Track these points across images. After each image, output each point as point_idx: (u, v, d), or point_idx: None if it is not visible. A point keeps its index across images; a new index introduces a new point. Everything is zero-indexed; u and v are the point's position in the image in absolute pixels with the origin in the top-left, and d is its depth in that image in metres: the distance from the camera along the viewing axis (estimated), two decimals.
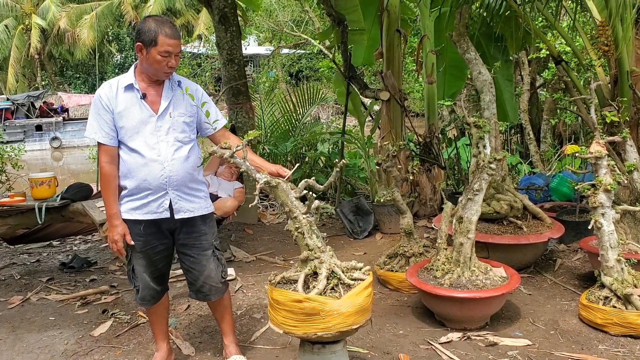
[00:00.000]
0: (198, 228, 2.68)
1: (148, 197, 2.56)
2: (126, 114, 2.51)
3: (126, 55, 28.93)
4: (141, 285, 2.69)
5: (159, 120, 2.54)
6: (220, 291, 2.78)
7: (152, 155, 2.52)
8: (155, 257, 2.66)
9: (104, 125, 2.52)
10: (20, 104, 22.23)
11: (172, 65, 2.50)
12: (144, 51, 2.47)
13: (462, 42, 4.19)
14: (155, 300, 2.76)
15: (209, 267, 2.71)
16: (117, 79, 2.59)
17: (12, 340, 3.25)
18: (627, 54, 4.21)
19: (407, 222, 3.95)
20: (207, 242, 2.71)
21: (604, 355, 2.83)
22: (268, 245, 5.14)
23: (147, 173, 2.52)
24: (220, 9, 5.69)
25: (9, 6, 26.48)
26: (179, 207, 2.60)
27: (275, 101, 8.86)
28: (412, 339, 3.09)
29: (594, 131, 3.70)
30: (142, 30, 2.47)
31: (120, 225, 2.56)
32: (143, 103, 2.54)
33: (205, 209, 2.71)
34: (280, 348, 3.02)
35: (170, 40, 2.45)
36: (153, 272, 2.69)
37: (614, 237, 3.12)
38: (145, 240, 2.61)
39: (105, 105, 2.51)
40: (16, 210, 4.07)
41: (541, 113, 8.59)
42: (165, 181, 2.55)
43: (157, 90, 2.58)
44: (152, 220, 2.59)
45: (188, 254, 2.70)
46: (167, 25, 2.46)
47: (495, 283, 3.17)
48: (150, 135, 2.53)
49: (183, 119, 2.60)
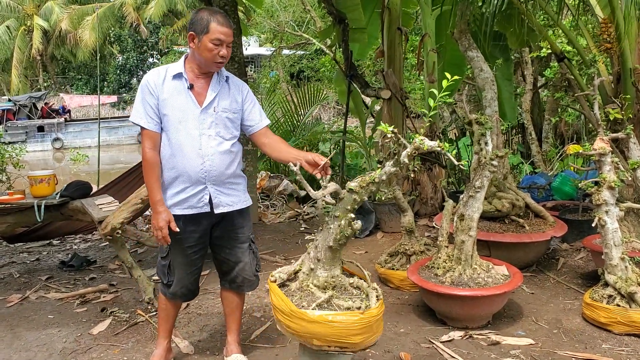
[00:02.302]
0: (236, 221, 2.66)
1: (187, 190, 2.53)
2: (171, 102, 2.49)
3: (128, 56, 28.96)
4: (176, 281, 2.66)
5: (202, 113, 2.51)
6: (254, 284, 2.77)
7: (193, 147, 2.49)
8: (194, 255, 2.65)
9: (149, 110, 2.49)
10: (22, 105, 22.27)
11: (223, 55, 2.46)
12: (196, 40, 2.45)
13: (463, 39, 4.16)
14: (186, 298, 2.76)
15: (244, 259, 2.70)
16: (165, 66, 2.57)
17: (10, 339, 3.23)
18: (630, 51, 4.18)
19: (408, 220, 3.92)
20: (244, 235, 2.70)
21: (607, 354, 2.80)
22: (269, 245, 5.11)
23: (186, 165, 2.50)
24: (221, 7, 5.66)
25: (10, 7, 26.53)
26: (219, 202, 2.57)
27: (277, 101, 8.85)
28: (413, 338, 3.05)
29: (598, 128, 3.67)
30: (194, 20, 2.46)
31: (164, 212, 2.50)
32: (189, 93, 2.51)
33: (244, 203, 2.69)
34: (280, 347, 2.99)
35: (222, 28, 2.43)
36: (192, 272, 2.68)
37: (618, 235, 3.09)
38: (185, 236, 2.58)
39: (151, 90, 2.48)
40: (15, 208, 4.05)
41: (543, 113, 8.55)
42: (205, 175, 2.52)
43: (205, 82, 2.55)
44: (192, 215, 2.56)
45: (224, 245, 2.68)
46: (220, 14, 2.46)
47: (497, 281, 3.14)
48: (193, 128, 2.50)
49: (227, 114, 2.57)
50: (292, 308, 2.14)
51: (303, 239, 5.07)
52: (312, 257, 2.31)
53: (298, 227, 5.81)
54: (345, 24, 5.75)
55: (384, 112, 5.80)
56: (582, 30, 5.03)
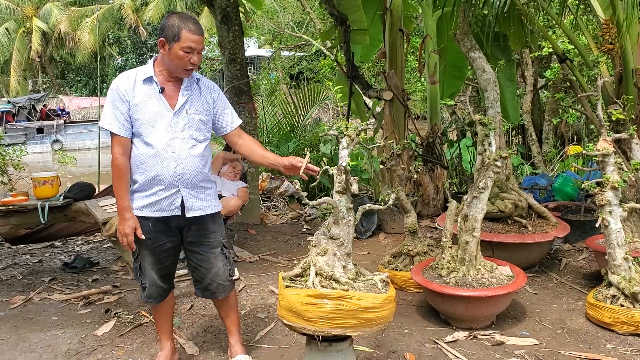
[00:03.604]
0: (207, 226, 2.66)
1: (159, 193, 2.53)
2: (142, 107, 2.48)
3: (127, 58, 28.99)
4: (148, 283, 2.67)
5: (175, 116, 2.51)
6: (227, 289, 2.76)
7: (166, 150, 2.49)
8: (163, 254, 2.64)
9: (120, 116, 2.48)
10: (22, 107, 22.26)
11: (194, 62, 2.46)
12: (167, 46, 2.44)
13: (465, 40, 4.17)
14: (161, 298, 2.73)
15: (217, 265, 2.69)
16: (135, 70, 2.56)
17: (14, 340, 3.23)
18: (632, 52, 4.20)
19: (412, 221, 3.93)
20: (216, 240, 2.69)
21: (611, 354, 2.81)
22: (271, 246, 5.11)
23: (160, 168, 2.50)
24: (223, 9, 5.67)
25: (10, 9, 26.52)
26: (191, 205, 2.58)
27: (277, 102, 8.86)
28: (417, 338, 3.06)
29: (601, 129, 3.68)
30: (165, 26, 2.45)
31: (131, 218, 2.52)
32: (161, 97, 2.51)
33: (215, 207, 2.69)
34: (285, 347, 2.99)
35: (193, 36, 2.42)
36: (160, 270, 2.66)
37: (621, 235, 3.10)
38: (154, 237, 2.58)
39: (122, 96, 2.48)
40: (19, 209, 4.06)
41: (543, 114, 8.57)
42: (178, 178, 2.53)
43: (176, 85, 2.55)
44: (162, 217, 2.57)
45: (196, 251, 2.67)
46: (191, 21, 2.45)
47: (501, 281, 3.15)
48: (166, 131, 2.50)
49: (199, 116, 2.57)
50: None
51: (305, 240, 5.07)
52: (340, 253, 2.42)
53: (300, 228, 5.81)
54: (346, 25, 5.76)
55: (386, 114, 5.81)
56: (583, 31, 5.04)
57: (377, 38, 6.20)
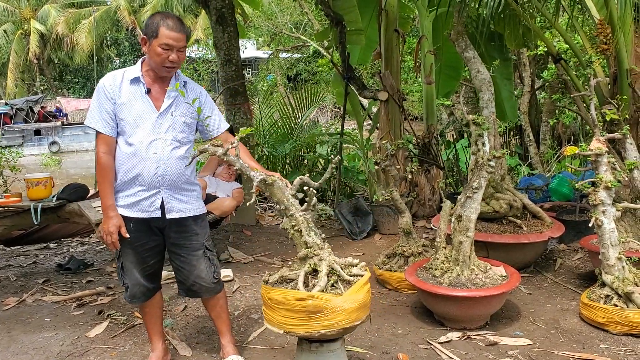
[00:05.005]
0: (189, 228, 2.65)
1: (139, 194, 2.53)
2: (128, 107, 2.49)
3: (125, 59, 28.95)
4: (130, 282, 2.65)
5: (159, 118, 2.52)
6: (213, 290, 2.74)
7: (148, 151, 2.50)
8: (146, 253, 2.63)
9: (105, 115, 2.48)
10: (19, 109, 22.22)
11: (173, 60, 2.46)
12: (148, 43, 2.45)
13: (460, 40, 4.17)
14: (145, 297, 2.71)
15: (199, 267, 2.67)
16: (122, 70, 2.56)
17: (6, 342, 3.21)
18: (627, 52, 4.19)
19: (406, 222, 3.92)
20: (198, 242, 2.67)
21: (605, 354, 2.80)
22: (266, 247, 5.10)
23: (141, 168, 2.50)
24: (218, 10, 5.67)
25: (7, 11, 26.52)
26: (171, 207, 2.58)
27: (274, 104, 8.84)
28: (411, 339, 3.05)
29: (594, 128, 3.68)
30: (147, 24, 2.47)
31: (115, 217, 2.52)
32: (147, 98, 2.51)
33: (197, 210, 2.68)
34: (278, 348, 2.98)
35: (171, 33, 2.42)
36: (144, 269, 2.65)
37: (614, 235, 3.09)
38: (136, 236, 2.58)
39: (108, 95, 2.48)
40: (12, 210, 4.04)
41: (540, 114, 8.57)
42: (159, 179, 2.53)
43: (162, 87, 2.55)
44: (143, 218, 2.56)
45: (178, 253, 2.67)
46: (171, 19, 2.45)
47: (495, 282, 3.14)
48: (150, 132, 2.50)
49: (184, 119, 2.58)
50: None
51: None
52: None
53: None
54: (342, 26, 5.75)
55: (382, 114, 5.80)
56: (578, 31, 5.03)
57: (373, 39, 6.20)
